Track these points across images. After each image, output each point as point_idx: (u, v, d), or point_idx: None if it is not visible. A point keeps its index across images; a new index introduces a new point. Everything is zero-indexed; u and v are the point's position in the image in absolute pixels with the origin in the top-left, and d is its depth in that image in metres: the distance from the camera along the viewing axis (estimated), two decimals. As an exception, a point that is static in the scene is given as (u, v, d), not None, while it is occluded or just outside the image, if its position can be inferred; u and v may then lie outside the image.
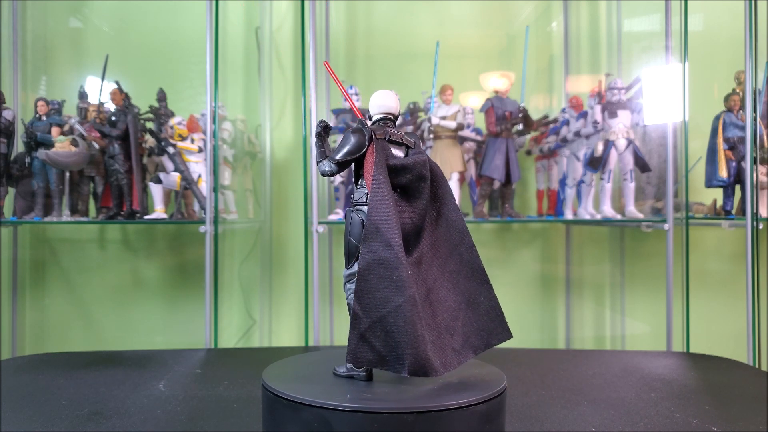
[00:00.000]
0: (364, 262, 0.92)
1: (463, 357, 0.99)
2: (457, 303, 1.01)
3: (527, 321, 2.67)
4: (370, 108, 1.10)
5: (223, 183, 2.31)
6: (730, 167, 2.07)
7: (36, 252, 2.56)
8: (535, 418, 1.27)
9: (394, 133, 1.05)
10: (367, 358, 0.93)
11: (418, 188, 1.00)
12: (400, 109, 1.09)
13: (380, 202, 0.94)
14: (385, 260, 0.91)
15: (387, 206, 0.94)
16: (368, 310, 0.92)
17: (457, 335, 0.99)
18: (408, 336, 0.89)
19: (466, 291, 1.01)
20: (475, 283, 1.02)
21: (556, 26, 2.69)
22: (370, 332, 0.92)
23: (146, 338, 2.57)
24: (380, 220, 0.93)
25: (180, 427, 1.21)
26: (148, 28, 2.61)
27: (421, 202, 1.01)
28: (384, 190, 0.95)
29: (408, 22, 2.69)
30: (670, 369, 1.71)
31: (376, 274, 0.91)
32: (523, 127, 2.24)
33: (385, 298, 0.91)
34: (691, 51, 2.09)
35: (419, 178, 1.00)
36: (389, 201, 0.94)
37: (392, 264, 0.91)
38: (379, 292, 0.91)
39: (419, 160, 1.00)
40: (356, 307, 0.93)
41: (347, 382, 1.02)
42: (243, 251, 2.66)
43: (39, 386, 1.49)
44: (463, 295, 1.01)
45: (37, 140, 2.09)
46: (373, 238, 0.93)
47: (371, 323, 0.92)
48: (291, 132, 2.65)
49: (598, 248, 2.69)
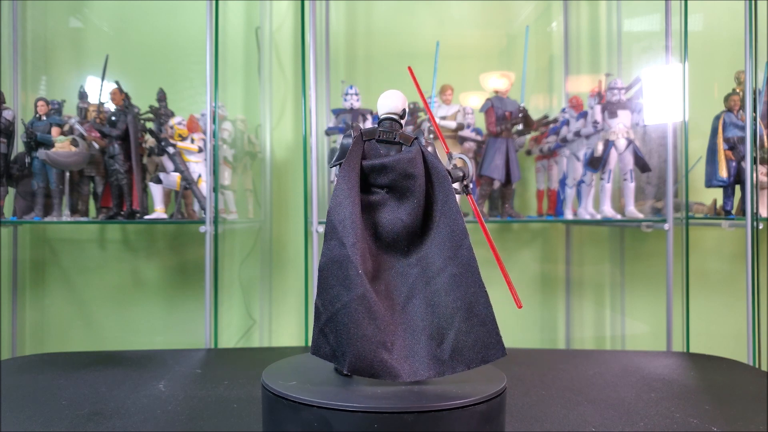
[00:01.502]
0: (323, 260, 0.95)
1: (448, 368, 0.96)
2: (455, 309, 0.97)
3: (527, 321, 2.67)
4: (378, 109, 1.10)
5: (223, 183, 2.31)
6: (730, 167, 2.07)
7: (36, 252, 2.56)
8: (535, 418, 1.27)
9: (384, 132, 1.04)
10: (324, 351, 0.96)
11: (407, 187, 0.99)
12: (407, 108, 1.08)
13: (339, 203, 0.96)
14: (337, 258, 0.93)
15: (345, 207, 0.95)
16: (326, 305, 0.94)
17: (447, 344, 0.96)
18: (350, 334, 0.91)
19: (466, 296, 0.98)
20: (474, 289, 0.99)
21: (556, 26, 2.69)
22: (327, 327, 0.94)
23: (146, 338, 2.57)
24: (336, 220, 0.94)
25: (180, 427, 1.21)
26: (148, 28, 2.61)
27: (413, 201, 0.99)
28: (345, 191, 0.96)
29: (408, 22, 2.69)
30: (670, 369, 1.71)
31: (331, 271, 0.93)
32: (523, 127, 2.24)
33: (337, 295, 0.93)
34: (691, 51, 2.09)
35: (405, 176, 0.99)
36: (348, 201, 0.95)
37: (343, 263, 0.92)
38: (333, 289, 0.93)
39: (403, 158, 0.99)
40: (317, 301, 0.95)
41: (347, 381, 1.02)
42: (243, 251, 2.66)
43: (39, 386, 1.49)
44: (462, 300, 0.98)
45: (37, 140, 2.09)
46: (330, 237, 0.95)
47: (327, 318, 0.94)
48: (291, 132, 2.65)
49: (598, 248, 2.69)
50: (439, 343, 0.96)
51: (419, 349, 0.96)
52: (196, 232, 2.14)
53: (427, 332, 0.96)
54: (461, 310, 0.97)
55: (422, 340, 0.96)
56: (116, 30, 2.61)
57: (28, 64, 2.52)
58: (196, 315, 2.47)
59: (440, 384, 1.00)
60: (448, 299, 0.98)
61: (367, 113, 2.24)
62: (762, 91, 2.08)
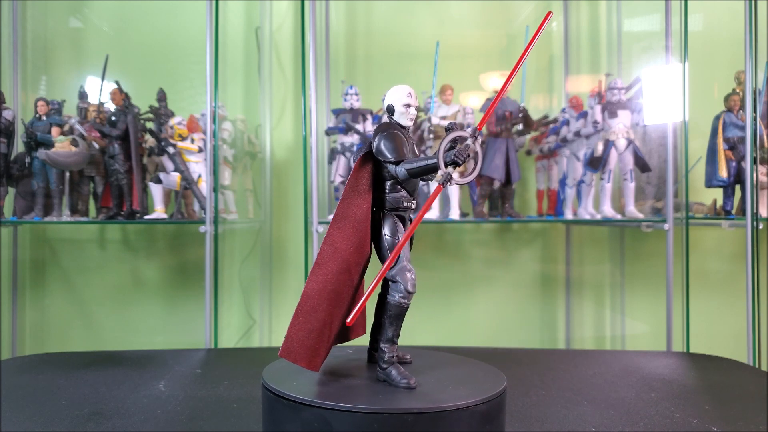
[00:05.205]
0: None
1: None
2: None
3: (527, 321, 2.67)
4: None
5: (223, 183, 2.31)
6: (730, 167, 2.07)
7: (36, 252, 2.56)
8: (535, 418, 1.27)
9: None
10: None
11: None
12: (392, 104, 1.09)
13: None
14: None
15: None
16: None
17: None
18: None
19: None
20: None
21: (556, 26, 2.69)
22: None
23: (146, 338, 2.57)
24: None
25: (180, 427, 1.21)
26: (148, 28, 2.61)
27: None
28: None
29: (408, 22, 2.69)
30: (670, 369, 1.71)
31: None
32: (523, 127, 2.24)
33: None
34: (691, 51, 2.09)
35: None
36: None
37: None
38: None
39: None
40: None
41: (347, 381, 1.02)
42: (243, 251, 2.66)
43: (39, 386, 1.49)
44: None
45: (37, 140, 2.09)
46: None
47: None
48: (291, 132, 2.65)
49: (598, 248, 2.69)
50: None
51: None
52: (196, 232, 2.14)
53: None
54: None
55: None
56: (116, 30, 2.61)
57: (28, 64, 2.52)
58: (196, 315, 2.47)
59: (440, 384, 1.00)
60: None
61: (367, 113, 2.24)
62: (762, 91, 2.08)
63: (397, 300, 1.03)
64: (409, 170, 1.03)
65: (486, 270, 2.66)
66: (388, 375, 1.02)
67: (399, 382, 0.99)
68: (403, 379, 1.00)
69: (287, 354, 1.03)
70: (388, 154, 1.04)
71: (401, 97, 1.08)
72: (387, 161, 1.05)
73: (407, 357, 1.15)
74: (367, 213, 1.05)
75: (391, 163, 1.05)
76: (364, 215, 1.05)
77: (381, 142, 1.05)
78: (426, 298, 2.57)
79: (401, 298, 1.03)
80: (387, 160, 1.04)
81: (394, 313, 1.04)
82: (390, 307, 1.04)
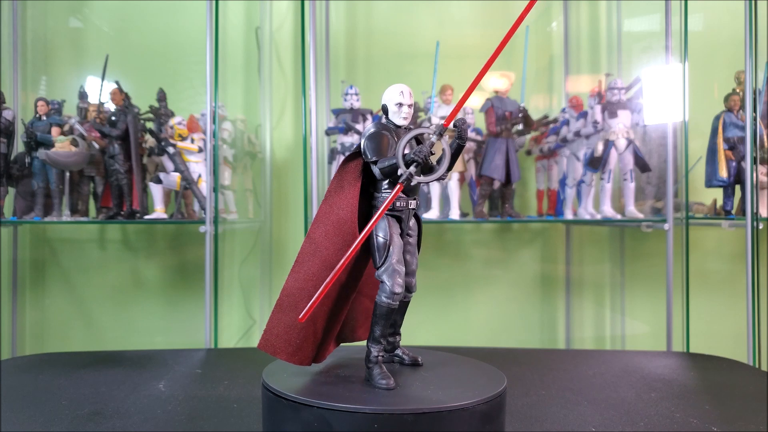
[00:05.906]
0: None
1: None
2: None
3: (527, 321, 2.67)
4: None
5: (223, 183, 2.31)
6: (730, 167, 2.07)
7: (36, 252, 2.56)
8: (535, 418, 1.27)
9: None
10: None
11: None
12: (385, 104, 1.09)
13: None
14: None
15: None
16: None
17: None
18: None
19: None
20: None
21: (556, 26, 2.69)
22: None
23: (146, 338, 2.57)
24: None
25: (180, 427, 1.21)
26: (148, 28, 2.61)
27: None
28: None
29: (408, 22, 2.69)
30: (670, 369, 1.71)
31: None
32: (523, 127, 2.24)
33: None
34: (691, 51, 2.09)
35: None
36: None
37: None
38: None
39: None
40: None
41: (347, 381, 1.02)
42: (243, 251, 2.66)
43: (39, 386, 1.49)
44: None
45: (37, 140, 2.09)
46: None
47: None
48: (291, 132, 2.65)
49: (598, 248, 2.69)
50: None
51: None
52: (196, 232, 2.14)
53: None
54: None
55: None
56: (116, 30, 2.60)
57: (28, 64, 2.52)
58: (196, 315, 2.47)
59: (440, 384, 1.00)
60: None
61: (367, 113, 2.24)
62: (762, 91, 2.08)
63: (383, 301, 1.03)
64: (381, 169, 1.03)
65: (486, 270, 2.66)
66: (370, 373, 1.03)
67: (378, 382, 1.00)
68: (382, 380, 1.00)
69: (265, 346, 1.05)
70: (369, 153, 1.04)
71: (393, 97, 1.08)
72: (368, 161, 1.05)
73: (419, 359, 1.15)
74: (352, 213, 1.03)
75: (371, 162, 1.04)
76: (349, 215, 1.03)
77: (365, 142, 1.05)
78: (426, 298, 2.57)
79: (386, 299, 1.02)
80: (368, 159, 1.04)
81: (380, 312, 1.04)
82: (377, 307, 1.04)
